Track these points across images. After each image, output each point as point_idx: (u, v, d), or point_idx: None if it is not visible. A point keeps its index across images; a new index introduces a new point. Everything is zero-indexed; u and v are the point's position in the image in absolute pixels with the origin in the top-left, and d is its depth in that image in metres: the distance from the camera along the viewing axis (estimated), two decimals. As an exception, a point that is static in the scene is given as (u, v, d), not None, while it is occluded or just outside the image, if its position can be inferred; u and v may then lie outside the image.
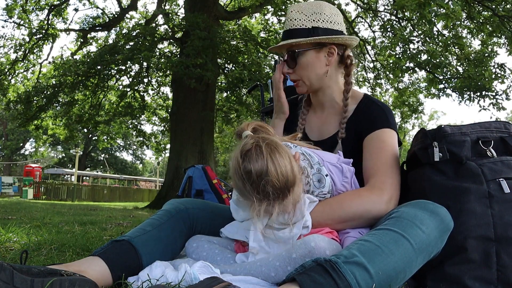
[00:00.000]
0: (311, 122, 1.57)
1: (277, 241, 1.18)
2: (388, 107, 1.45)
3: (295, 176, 1.09)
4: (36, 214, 4.32)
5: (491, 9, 8.03)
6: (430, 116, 33.72)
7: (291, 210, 1.13)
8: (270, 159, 1.06)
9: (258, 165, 1.06)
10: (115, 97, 13.41)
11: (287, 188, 1.08)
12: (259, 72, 9.68)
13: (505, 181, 1.17)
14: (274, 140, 1.12)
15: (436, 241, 1.07)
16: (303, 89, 1.48)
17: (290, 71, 1.47)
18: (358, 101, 1.48)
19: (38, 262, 1.53)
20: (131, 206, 11.32)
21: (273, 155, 1.07)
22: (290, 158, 1.10)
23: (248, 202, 1.11)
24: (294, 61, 1.44)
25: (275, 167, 1.06)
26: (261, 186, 1.06)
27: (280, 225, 1.19)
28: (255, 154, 1.07)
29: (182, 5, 13.64)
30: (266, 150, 1.07)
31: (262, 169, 1.06)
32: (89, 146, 34.33)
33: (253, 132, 1.17)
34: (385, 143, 1.36)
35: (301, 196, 1.16)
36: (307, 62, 1.43)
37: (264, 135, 1.14)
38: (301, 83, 1.47)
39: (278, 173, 1.06)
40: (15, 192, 17.73)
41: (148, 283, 1.08)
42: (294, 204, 1.12)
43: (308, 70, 1.44)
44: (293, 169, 1.09)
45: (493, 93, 9.29)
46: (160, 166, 33.36)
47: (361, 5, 11.09)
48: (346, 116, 1.45)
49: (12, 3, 11.88)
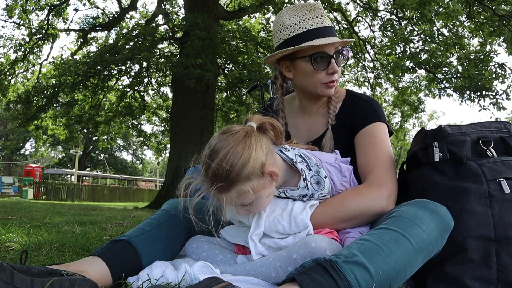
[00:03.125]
0: (298, 127, 1.55)
1: (279, 249, 1.18)
2: (374, 100, 1.45)
3: (238, 179, 1.06)
4: (36, 214, 4.32)
5: (491, 9, 8.03)
6: (430, 116, 33.73)
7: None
8: (230, 147, 1.07)
9: (218, 145, 1.08)
10: (115, 97, 13.41)
11: (221, 181, 1.06)
12: (259, 72, 9.67)
13: (505, 181, 1.17)
14: (256, 138, 1.12)
15: (437, 241, 1.07)
16: (335, 90, 1.43)
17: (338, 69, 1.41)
18: (342, 98, 1.48)
19: (38, 262, 1.53)
20: (131, 206, 11.33)
21: (236, 147, 1.07)
22: (249, 160, 1.07)
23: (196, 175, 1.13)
24: (346, 59, 1.42)
25: (227, 154, 1.06)
26: (204, 163, 1.08)
27: (281, 235, 1.19)
28: (225, 137, 1.09)
29: (182, 5, 13.63)
30: (236, 140, 1.08)
31: (216, 151, 1.07)
32: (89, 146, 34.30)
33: (260, 126, 1.18)
34: (378, 137, 1.36)
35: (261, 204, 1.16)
36: None
37: (255, 133, 1.14)
38: (335, 84, 1.42)
39: (224, 160, 1.05)
40: (15, 192, 17.73)
41: (148, 283, 1.08)
42: (228, 203, 1.10)
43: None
44: (242, 171, 1.06)
45: (493, 92, 9.29)
46: (160, 166, 33.33)
47: (361, 4, 11.08)
48: (335, 106, 1.45)
49: (12, 3, 11.87)
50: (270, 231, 1.20)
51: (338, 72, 1.41)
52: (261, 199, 1.15)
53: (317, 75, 1.38)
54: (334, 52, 1.37)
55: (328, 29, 1.37)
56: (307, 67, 1.38)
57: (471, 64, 9.20)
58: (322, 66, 1.37)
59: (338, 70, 1.39)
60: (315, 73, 1.38)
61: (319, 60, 1.36)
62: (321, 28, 1.36)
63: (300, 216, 1.18)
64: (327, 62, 1.37)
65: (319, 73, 1.38)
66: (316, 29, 1.36)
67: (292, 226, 1.18)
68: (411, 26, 9.69)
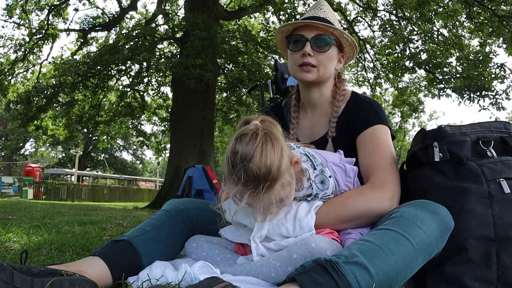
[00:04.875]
0: (301, 124, 1.56)
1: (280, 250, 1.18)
2: (377, 103, 1.46)
3: (280, 173, 1.07)
4: (36, 214, 4.32)
5: (490, 10, 8.03)
6: (429, 116, 33.74)
7: (268, 209, 1.11)
8: (260, 147, 1.06)
9: (247, 148, 1.06)
10: (115, 97, 13.41)
11: (266, 180, 1.06)
12: (259, 72, 9.68)
13: (505, 181, 1.17)
14: (274, 133, 1.12)
15: (437, 241, 1.07)
16: (313, 76, 1.43)
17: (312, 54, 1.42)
18: (347, 100, 1.49)
19: (38, 262, 1.53)
20: (131, 206, 11.32)
21: (265, 144, 1.07)
22: (282, 154, 1.09)
23: (230, 185, 1.11)
24: (327, 45, 1.42)
25: (261, 156, 1.05)
26: (240, 170, 1.06)
27: (282, 238, 1.19)
28: (249, 139, 1.08)
29: (182, 5, 13.65)
30: (261, 138, 1.07)
31: (248, 154, 1.06)
32: (89, 146, 34.30)
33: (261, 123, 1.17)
34: (380, 139, 1.36)
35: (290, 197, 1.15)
36: (331, 54, 1.45)
37: (268, 128, 1.13)
38: (315, 70, 1.43)
39: (261, 163, 1.05)
40: (15, 192, 17.71)
41: (148, 283, 1.08)
42: (271, 203, 1.09)
43: (328, 62, 1.44)
44: (281, 165, 1.07)
45: (493, 93, 9.29)
46: (160, 166, 33.34)
47: (360, 4, 11.08)
48: (336, 115, 1.45)
49: (12, 3, 11.87)
50: (273, 234, 1.20)
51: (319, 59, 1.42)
52: (292, 189, 1.16)
53: (293, 56, 1.46)
54: (313, 37, 1.41)
55: (316, 18, 1.44)
56: (288, 50, 1.48)
57: (471, 64, 9.20)
58: (297, 47, 1.44)
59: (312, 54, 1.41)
60: (291, 53, 1.46)
61: (295, 42, 1.44)
62: (310, 17, 1.45)
63: (305, 219, 1.18)
64: (303, 44, 1.42)
65: (294, 53, 1.45)
66: (306, 17, 1.46)
67: (296, 229, 1.18)
68: (411, 26, 9.69)
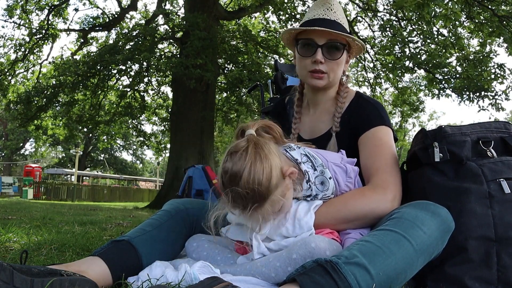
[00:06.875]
0: (304, 121, 1.56)
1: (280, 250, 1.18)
2: (380, 104, 1.45)
3: (268, 192, 1.06)
4: (36, 214, 4.31)
5: (490, 10, 8.03)
6: (430, 116, 33.74)
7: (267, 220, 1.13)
8: (249, 167, 1.05)
9: (235, 168, 1.06)
10: (115, 97, 13.41)
11: (254, 202, 1.06)
12: (259, 72, 9.68)
13: (505, 181, 1.17)
14: (266, 147, 1.10)
15: (437, 242, 1.07)
16: (324, 82, 1.42)
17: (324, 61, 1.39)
18: (351, 99, 1.48)
19: (38, 262, 1.53)
20: (131, 206, 11.32)
21: (254, 164, 1.06)
22: (271, 172, 1.07)
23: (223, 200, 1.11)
24: (339, 52, 1.40)
25: (249, 176, 1.04)
26: (228, 193, 1.07)
27: (282, 238, 1.19)
28: (239, 158, 1.07)
29: (182, 5, 13.64)
30: (250, 157, 1.06)
31: (236, 175, 1.05)
32: (89, 146, 34.30)
33: (257, 132, 1.17)
34: (382, 140, 1.36)
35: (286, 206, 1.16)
36: (342, 60, 1.43)
37: (262, 140, 1.12)
38: (325, 77, 1.42)
39: (248, 185, 1.04)
40: (15, 192, 17.70)
41: (148, 283, 1.08)
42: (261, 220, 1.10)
43: (339, 67, 1.43)
44: (269, 185, 1.06)
45: (492, 93, 9.29)
46: (160, 166, 33.33)
47: (360, 4, 11.09)
48: (340, 111, 1.45)
49: (12, 3, 11.88)
50: (274, 234, 1.20)
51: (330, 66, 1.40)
52: (288, 200, 1.16)
53: (303, 61, 1.42)
54: (325, 43, 1.38)
55: (327, 21, 1.40)
56: (296, 52, 1.45)
57: (470, 64, 9.20)
58: (307, 53, 1.41)
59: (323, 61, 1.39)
60: (301, 59, 1.43)
61: (305, 47, 1.41)
62: (321, 19, 1.41)
63: (304, 218, 1.18)
64: (314, 50, 1.39)
65: (304, 59, 1.41)
66: (316, 19, 1.41)
67: (296, 228, 1.18)
68: (411, 26, 9.69)
